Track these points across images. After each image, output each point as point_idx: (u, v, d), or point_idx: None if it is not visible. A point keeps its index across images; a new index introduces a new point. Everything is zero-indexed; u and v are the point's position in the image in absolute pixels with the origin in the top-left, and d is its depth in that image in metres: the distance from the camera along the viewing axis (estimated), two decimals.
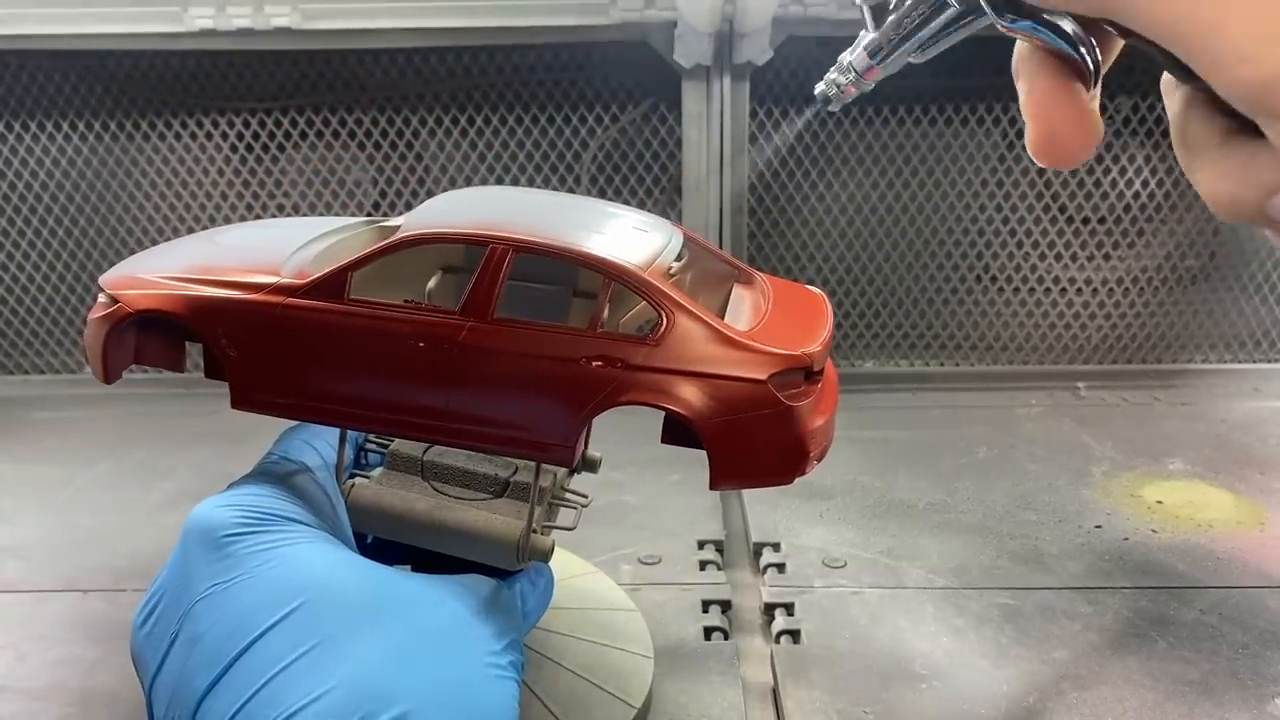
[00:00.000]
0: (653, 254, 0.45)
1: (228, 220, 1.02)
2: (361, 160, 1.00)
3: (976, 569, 0.68)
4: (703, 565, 0.69)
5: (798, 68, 0.96)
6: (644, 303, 0.43)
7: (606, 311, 0.43)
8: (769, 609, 0.64)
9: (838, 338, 1.04)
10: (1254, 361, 1.06)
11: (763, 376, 0.41)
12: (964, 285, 1.04)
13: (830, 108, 0.44)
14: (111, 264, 0.52)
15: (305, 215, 1.01)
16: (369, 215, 1.00)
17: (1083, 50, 0.30)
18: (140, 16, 0.90)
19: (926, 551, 0.70)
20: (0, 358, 1.05)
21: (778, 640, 0.61)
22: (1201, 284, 1.04)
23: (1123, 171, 1.00)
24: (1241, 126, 0.27)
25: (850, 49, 0.41)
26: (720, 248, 0.93)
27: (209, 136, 1.00)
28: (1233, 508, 0.77)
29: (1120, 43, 0.32)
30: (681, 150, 0.96)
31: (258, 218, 1.02)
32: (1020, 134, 0.99)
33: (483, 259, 0.43)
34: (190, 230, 1.01)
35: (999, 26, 0.32)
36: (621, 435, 0.55)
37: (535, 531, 0.48)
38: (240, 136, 0.99)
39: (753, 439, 0.42)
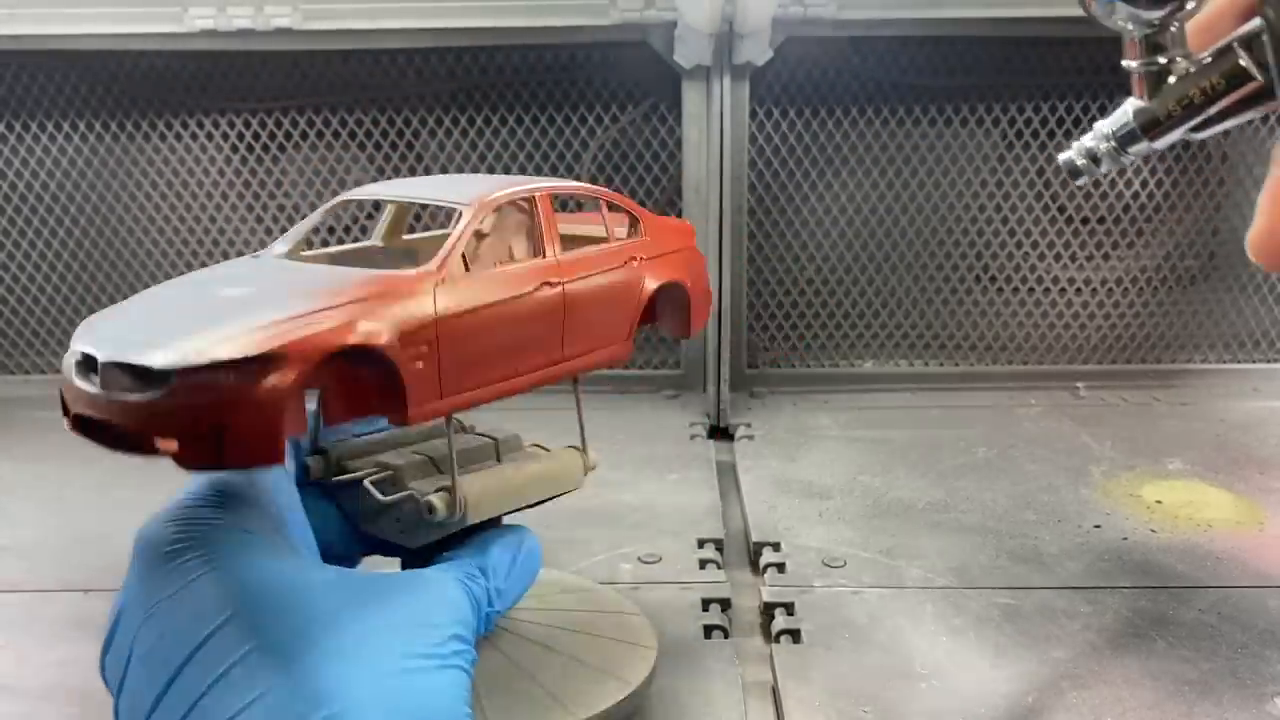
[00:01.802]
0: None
1: (228, 220, 1.02)
2: (361, 160, 1.00)
3: (976, 569, 0.68)
4: (703, 564, 0.69)
5: (797, 68, 0.96)
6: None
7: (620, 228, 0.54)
8: (769, 608, 0.64)
9: (837, 337, 1.04)
10: (1254, 361, 1.06)
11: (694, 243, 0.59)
12: (964, 285, 1.04)
13: (1078, 180, 0.40)
14: (112, 264, 0.52)
15: (304, 216, 1.01)
16: (369, 215, 1.00)
17: None
18: (140, 17, 0.90)
19: (926, 551, 0.70)
20: (0, 358, 1.05)
21: (777, 640, 0.61)
22: (1201, 284, 1.04)
23: (1123, 171, 1.00)
24: None
25: (1112, 118, 0.37)
26: (720, 247, 0.94)
27: (209, 136, 1.00)
28: (1232, 508, 0.77)
29: None
30: (681, 150, 0.96)
31: (258, 218, 1.02)
32: (1020, 134, 0.99)
33: (537, 210, 0.49)
34: (190, 230, 1.01)
35: None
36: (620, 434, 0.55)
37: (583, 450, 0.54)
38: (240, 136, 1.00)
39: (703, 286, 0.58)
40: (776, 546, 0.71)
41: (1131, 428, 0.92)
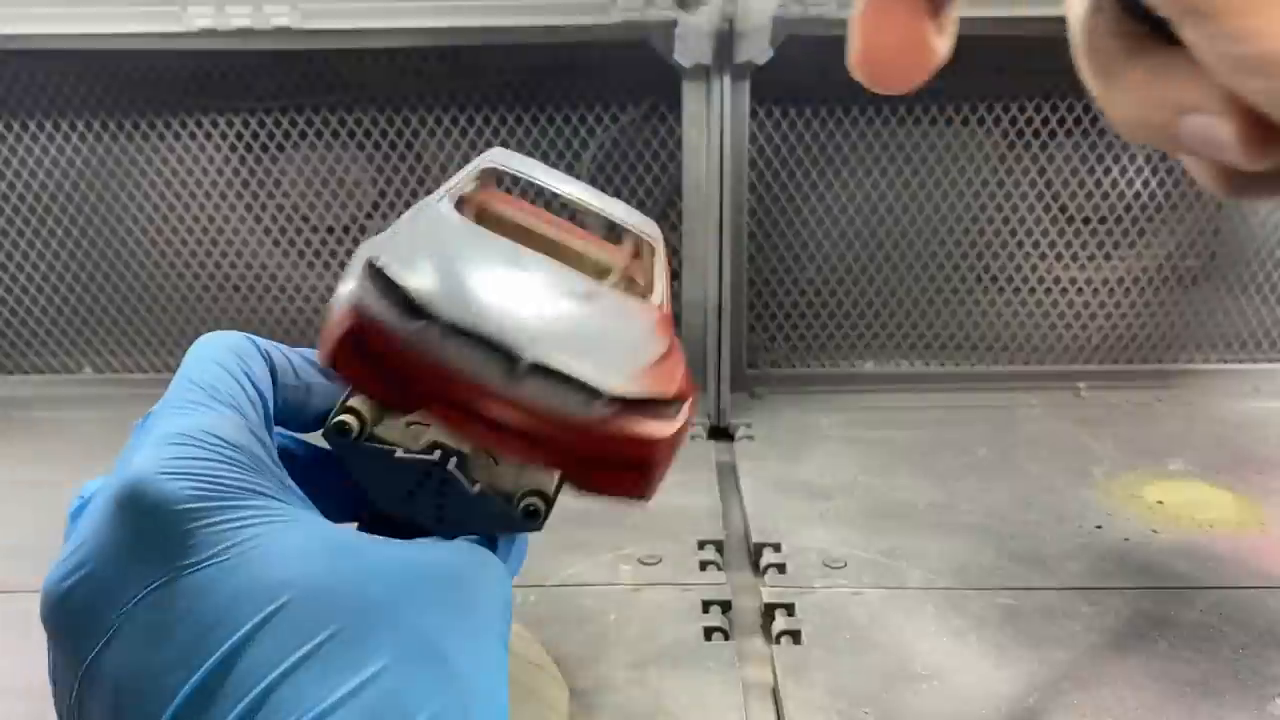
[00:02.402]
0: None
1: (226, 220, 1.02)
2: (361, 160, 1.00)
3: (977, 569, 0.68)
4: (703, 565, 0.68)
5: (798, 67, 0.96)
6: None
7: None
8: (769, 609, 0.64)
9: (838, 337, 1.04)
10: (1254, 361, 1.05)
11: None
12: (964, 285, 1.04)
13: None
14: (111, 265, 0.49)
15: (305, 215, 1.01)
16: (369, 215, 1.00)
17: None
18: (140, 16, 0.90)
19: (927, 552, 0.70)
20: (0, 358, 1.05)
21: (778, 641, 0.61)
22: (1202, 284, 1.04)
23: (1123, 171, 1.00)
24: (1155, 32, 0.22)
25: None
26: (720, 247, 0.94)
27: (209, 136, 1.00)
28: (1233, 508, 0.77)
29: None
30: (681, 150, 0.96)
31: (257, 218, 1.02)
32: (1020, 134, 0.99)
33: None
34: (189, 230, 1.01)
35: None
36: None
37: None
38: (240, 136, 0.99)
39: None
40: (777, 547, 0.71)
41: (1133, 428, 0.92)
